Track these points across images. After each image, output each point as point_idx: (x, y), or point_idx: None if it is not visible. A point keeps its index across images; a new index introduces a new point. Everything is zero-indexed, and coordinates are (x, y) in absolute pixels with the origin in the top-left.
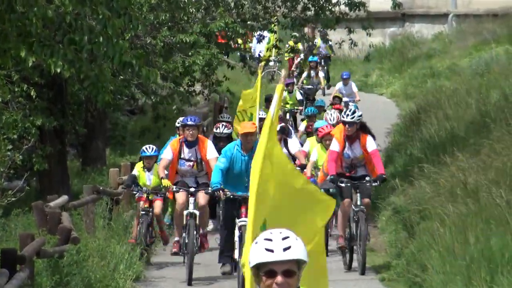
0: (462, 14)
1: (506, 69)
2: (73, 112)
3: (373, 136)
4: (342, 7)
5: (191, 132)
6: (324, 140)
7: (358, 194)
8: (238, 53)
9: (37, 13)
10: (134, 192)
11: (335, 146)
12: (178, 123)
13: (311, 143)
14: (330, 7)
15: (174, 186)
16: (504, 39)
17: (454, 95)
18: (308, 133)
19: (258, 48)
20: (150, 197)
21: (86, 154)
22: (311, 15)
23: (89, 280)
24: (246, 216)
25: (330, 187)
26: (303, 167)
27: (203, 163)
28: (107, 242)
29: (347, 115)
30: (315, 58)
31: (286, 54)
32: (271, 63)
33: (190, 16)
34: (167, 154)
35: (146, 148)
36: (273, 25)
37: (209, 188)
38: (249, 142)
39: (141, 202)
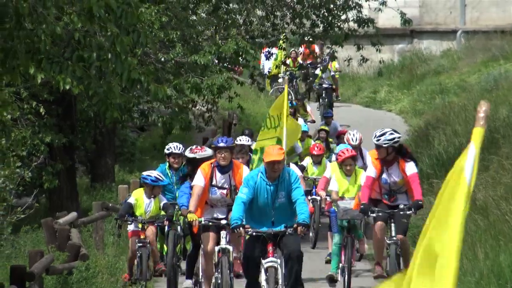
0: (471, 31)
1: None
2: (82, 129)
3: (414, 160)
4: (351, 23)
5: (223, 155)
6: (345, 165)
7: (393, 225)
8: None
9: (46, 30)
10: (129, 223)
11: (370, 171)
12: (168, 149)
13: (333, 168)
14: (339, 24)
15: (203, 219)
16: None
17: (462, 111)
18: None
19: (267, 65)
20: (145, 227)
21: (95, 170)
22: (319, 32)
23: None
24: (273, 256)
25: (352, 217)
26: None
27: (237, 191)
28: (116, 259)
29: (375, 136)
30: (294, 103)
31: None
32: (280, 80)
33: (200, 35)
34: (199, 180)
35: (149, 175)
36: (281, 41)
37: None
38: (275, 171)
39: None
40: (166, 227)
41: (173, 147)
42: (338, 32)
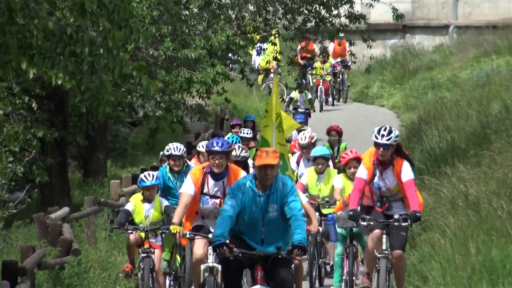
0: (463, 26)
1: (507, 81)
2: (74, 124)
3: (411, 162)
4: (343, 19)
5: (217, 162)
6: (348, 167)
7: (385, 237)
8: (236, 65)
9: (38, 25)
10: (129, 232)
11: (362, 172)
12: (168, 151)
13: (343, 180)
14: (330, 19)
15: (188, 232)
16: (505, 50)
17: (455, 106)
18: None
19: (258, 61)
20: (149, 235)
21: (87, 166)
22: (312, 27)
23: None
24: (261, 283)
25: (353, 225)
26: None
27: None
28: (108, 254)
29: (382, 135)
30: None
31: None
32: (272, 75)
33: (191, 29)
34: (188, 187)
35: (146, 177)
36: (273, 37)
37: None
38: (268, 178)
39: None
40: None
41: (173, 148)
42: (330, 28)
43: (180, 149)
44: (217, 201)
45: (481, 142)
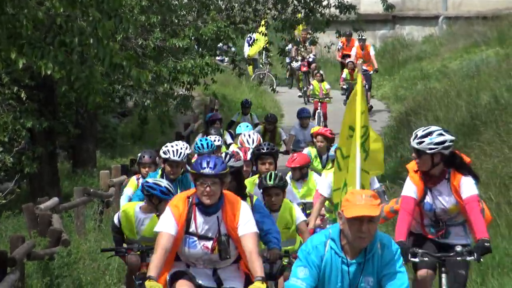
0: (453, 17)
1: (496, 71)
2: (64, 114)
3: (475, 176)
4: (333, 9)
5: (208, 189)
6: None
7: (444, 276)
8: (223, 56)
9: (28, 15)
10: (122, 253)
11: (409, 189)
12: (165, 153)
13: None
14: (320, 10)
15: None
16: (494, 41)
17: (444, 97)
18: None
19: (247, 50)
20: (148, 255)
21: (76, 156)
22: (301, 18)
23: (80, 282)
24: None
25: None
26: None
27: (230, 241)
28: (97, 244)
29: (416, 136)
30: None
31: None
32: (261, 66)
33: (181, 19)
34: (166, 224)
35: (157, 184)
36: (263, 27)
37: None
38: (364, 237)
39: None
40: None
41: (172, 151)
42: (320, 18)
43: (180, 153)
44: (209, 244)
45: (471, 133)
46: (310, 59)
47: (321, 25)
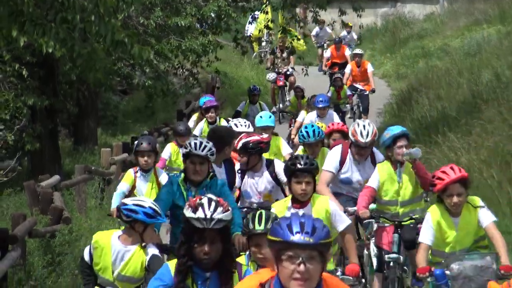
0: None
1: (498, 49)
2: (65, 92)
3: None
4: None
5: (302, 269)
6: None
7: None
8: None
9: None
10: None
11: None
12: (186, 147)
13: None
14: None
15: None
16: (496, 19)
17: (445, 75)
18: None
19: (250, 29)
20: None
21: (77, 133)
22: None
23: None
24: None
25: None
26: None
27: None
28: (99, 222)
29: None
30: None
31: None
32: (263, 44)
33: None
34: None
35: (140, 205)
36: (264, 5)
37: None
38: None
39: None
40: None
41: (194, 144)
42: None
43: (205, 147)
44: None
45: (472, 111)
46: (288, 72)
47: (322, 3)
